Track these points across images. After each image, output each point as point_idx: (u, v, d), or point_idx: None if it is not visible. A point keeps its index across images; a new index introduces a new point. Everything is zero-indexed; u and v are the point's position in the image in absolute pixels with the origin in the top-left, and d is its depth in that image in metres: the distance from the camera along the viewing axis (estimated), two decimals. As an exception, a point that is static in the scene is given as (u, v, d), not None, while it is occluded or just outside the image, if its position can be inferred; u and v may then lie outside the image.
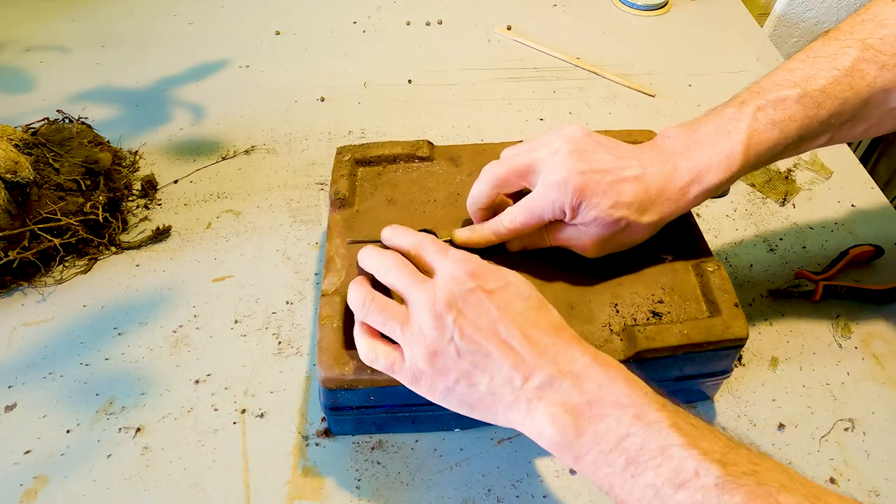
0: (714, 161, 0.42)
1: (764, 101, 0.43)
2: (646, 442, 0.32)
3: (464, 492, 0.45)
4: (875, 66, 0.42)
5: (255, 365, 0.52)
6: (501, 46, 0.86)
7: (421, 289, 0.38)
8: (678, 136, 0.45)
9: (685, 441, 0.31)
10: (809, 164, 0.69)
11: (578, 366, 0.35)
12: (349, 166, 0.54)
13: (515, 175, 0.45)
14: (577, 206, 0.42)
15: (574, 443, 0.33)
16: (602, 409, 0.33)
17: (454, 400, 0.37)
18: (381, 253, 0.41)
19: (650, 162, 0.43)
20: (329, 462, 0.46)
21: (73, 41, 0.85)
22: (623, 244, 0.45)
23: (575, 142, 0.43)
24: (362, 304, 0.40)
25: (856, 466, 0.47)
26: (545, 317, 0.37)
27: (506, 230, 0.45)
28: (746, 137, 0.42)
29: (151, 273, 0.58)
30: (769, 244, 0.62)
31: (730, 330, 0.43)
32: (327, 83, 0.79)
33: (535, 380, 0.35)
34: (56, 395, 0.50)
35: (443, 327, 0.36)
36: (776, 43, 1.01)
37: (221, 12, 0.91)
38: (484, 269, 0.38)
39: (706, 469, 0.30)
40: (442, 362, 0.36)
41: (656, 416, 0.32)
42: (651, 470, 0.31)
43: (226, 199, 0.65)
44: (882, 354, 0.53)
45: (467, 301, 0.37)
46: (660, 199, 0.43)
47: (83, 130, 0.64)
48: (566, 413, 0.34)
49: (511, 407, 0.35)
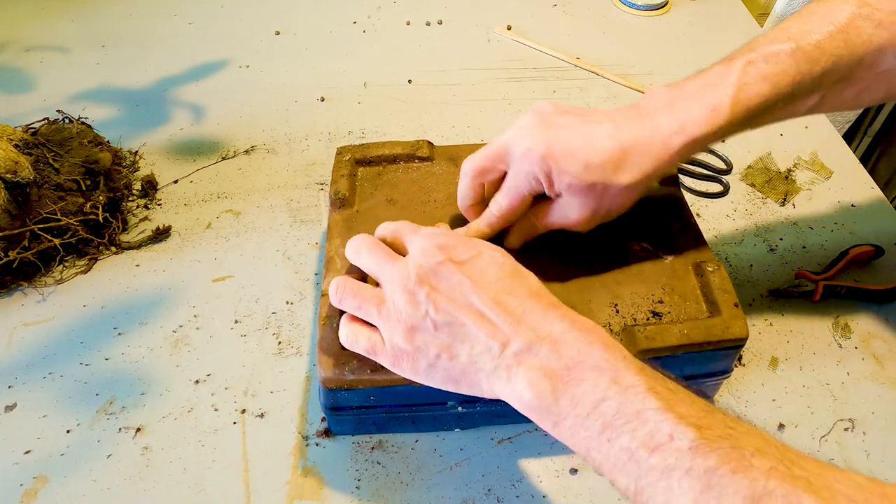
0: (700, 113, 0.41)
1: (755, 56, 0.41)
2: (622, 406, 0.31)
3: (464, 492, 0.45)
4: (871, 23, 0.41)
5: (255, 365, 0.52)
6: (501, 46, 0.86)
7: (393, 266, 0.38)
8: (661, 94, 0.43)
9: (661, 405, 0.31)
10: (809, 164, 0.70)
11: (557, 330, 0.35)
12: (349, 166, 0.54)
13: (491, 160, 0.44)
14: (548, 172, 0.42)
15: (552, 407, 0.33)
16: (580, 373, 0.33)
17: (438, 376, 0.37)
18: (358, 238, 0.41)
19: (625, 120, 0.42)
20: (329, 462, 0.46)
21: (73, 41, 0.85)
22: (610, 210, 0.44)
23: (541, 114, 0.43)
24: (335, 290, 0.40)
25: (856, 466, 0.47)
26: (521, 283, 0.37)
27: (496, 218, 0.45)
28: (735, 91, 0.40)
29: (151, 273, 0.58)
30: (769, 244, 0.62)
31: (730, 330, 0.43)
32: (327, 83, 0.79)
33: (513, 346, 0.35)
34: (56, 395, 0.50)
35: (416, 303, 0.36)
36: (776, 43, 1.00)
37: (221, 12, 0.91)
38: (454, 241, 0.38)
39: (681, 433, 0.30)
40: (420, 338, 0.36)
41: (633, 379, 0.32)
42: (626, 434, 0.31)
43: (226, 199, 0.65)
44: (882, 354, 0.53)
45: (438, 274, 0.36)
46: (638, 157, 0.41)
47: (83, 130, 0.64)
48: (545, 377, 0.33)
49: (492, 375, 0.35)
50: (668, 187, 0.53)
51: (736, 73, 0.41)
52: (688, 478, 0.29)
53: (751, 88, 0.41)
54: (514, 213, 0.45)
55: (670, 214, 0.51)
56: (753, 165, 0.69)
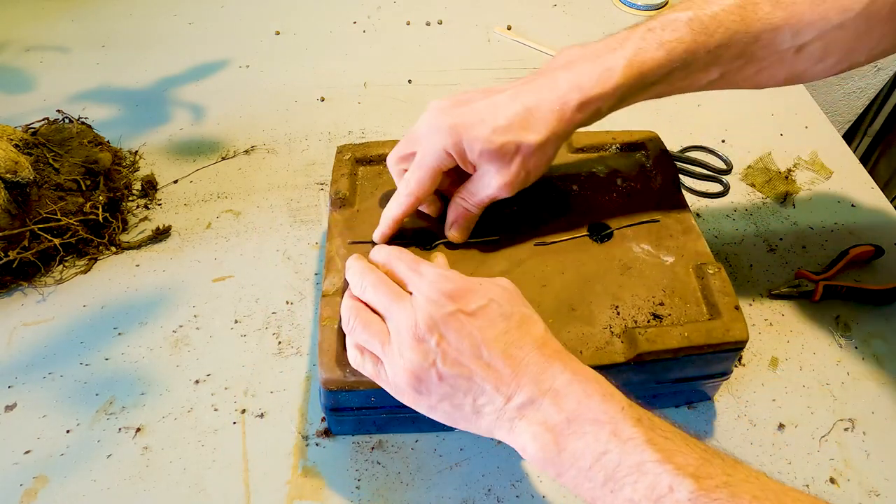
0: (594, 73, 0.42)
1: (655, 23, 0.43)
2: (622, 458, 0.32)
3: (464, 492, 0.45)
4: (769, 2, 0.42)
5: (255, 365, 0.52)
6: (501, 46, 0.86)
7: (400, 308, 0.38)
8: (566, 54, 0.45)
9: (660, 457, 0.32)
10: (809, 164, 0.70)
11: (559, 383, 0.35)
12: (349, 166, 0.53)
13: (405, 146, 0.46)
14: (459, 142, 0.42)
15: (555, 459, 0.34)
16: (580, 426, 0.34)
17: (438, 416, 0.38)
18: (361, 270, 0.41)
19: (524, 85, 0.43)
20: (329, 462, 0.46)
21: (73, 41, 0.85)
22: (529, 172, 0.44)
23: (444, 101, 0.44)
24: (347, 320, 0.40)
25: (856, 466, 0.47)
26: (528, 334, 0.37)
27: (405, 196, 0.45)
28: (631, 54, 0.42)
29: (151, 273, 0.58)
30: (769, 244, 0.62)
31: (730, 333, 0.43)
32: (327, 83, 0.79)
33: (517, 399, 0.35)
34: (56, 395, 0.50)
35: (425, 352, 0.36)
36: (776, 43, 1.00)
37: (221, 12, 0.91)
38: (463, 288, 0.38)
39: (679, 484, 0.30)
40: (424, 386, 0.37)
41: (632, 431, 0.33)
42: (629, 486, 0.32)
43: (226, 199, 0.65)
44: (882, 354, 0.53)
45: (448, 325, 0.36)
46: (541, 114, 0.42)
47: (83, 130, 0.64)
48: (546, 431, 0.34)
49: (494, 425, 0.36)
50: (668, 187, 0.53)
51: (634, 39, 0.43)
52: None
53: (646, 53, 0.42)
54: (424, 190, 0.45)
55: (670, 215, 0.51)
56: (753, 165, 0.69)
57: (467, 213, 0.47)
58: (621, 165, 0.55)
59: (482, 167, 0.44)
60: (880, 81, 1.13)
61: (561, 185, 0.53)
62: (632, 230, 0.50)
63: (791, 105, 0.78)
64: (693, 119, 0.75)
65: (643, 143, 0.56)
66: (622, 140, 0.56)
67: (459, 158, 0.43)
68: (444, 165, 0.44)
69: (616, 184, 0.53)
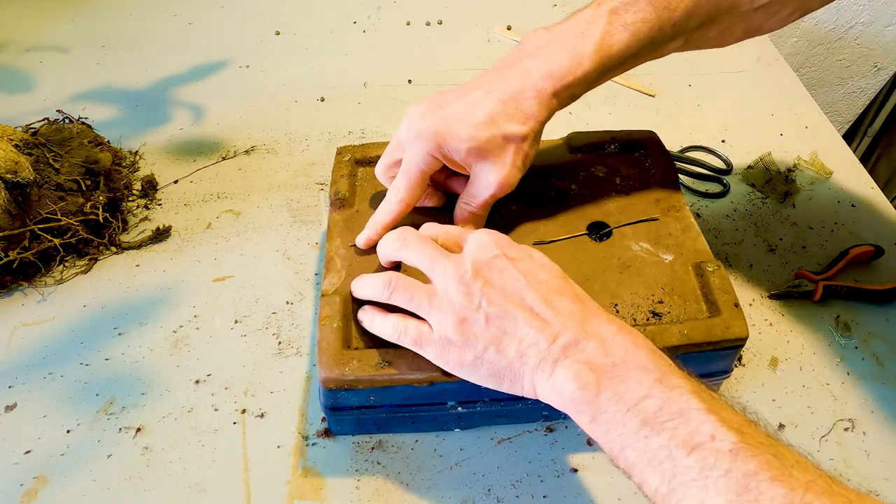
0: (565, 59, 0.43)
1: (618, 4, 0.43)
2: (665, 404, 0.32)
3: (464, 492, 0.45)
4: None
5: (255, 365, 0.52)
6: (501, 46, 0.86)
7: (447, 261, 0.39)
8: (533, 39, 0.45)
9: (705, 406, 0.31)
10: (809, 164, 0.70)
11: (605, 331, 0.36)
12: (349, 166, 0.54)
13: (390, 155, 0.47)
14: (442, 145, 0.43)
15: (593, 400, 0.33)
16: (625, 370, 0.33)
17: (483, 370, 0.37)
18: (401, 230, 0.42)
19: (495, 77, 0.44)
20: (329, 462, 0.46)
21: (73, 41, 0.85)
22: (525, 162, 0.45)
23: (419, 105, 0.45)
24: (388, 282, 0.40)
25: (856, 466, 0.47)
26: (568, 287, 0.38)
27: (395, 203, 0.46)
28: (599, 39, 0.42)
29: (151, 273, 0.58)
30: (769, 244, 0.62)
31: (730, 330, 0.43)
32: (327, 83, 0.79)
33: (561, 340, 0.35)
34: (56, 395, 0.50)
35: (470, 294, 0.37)
36: (776, 43, 1.00)
37: (221, 12, 0.91)
38: (506, 240, 0.40)
39: (723, 434, 0.30)
40: (471, 330, 0.37)
41: (678, 381, 0.33)
42: (667, 431, 0.31)
43: (226, 199, 0.65)
44: (882, 354, 0.53)
45: (493, 267, 0.37)
46: (520, 105, 0.43)
47: (83, 130, 0.64)
48: (590, 370, 0.34)
49: (537, 369, 0.36)
50: (667, 186, 0.53)
51: (601, 23, 0.43)
52: (725, 479, 0.28)
53: (613, 37, 0.43)
54: (414, 195, 0.45)
55: (669, 213, 0.51)
56: (753, 165, 0.69)
57: (474, 216, 0.47)
58: (620, 165, 0.55)
59: (475, 167, 0.44)
60: (880, 81, 1.13)
61: (560, 184, 0.53)
62: (631, 229, 0.50)
63: (791, 105, 0.78)
64: (693, 119, 0.75)
65: (642, 142, 0.56)
66: (621, 139, 0.56)
67: (447, 161, 0.44)
68: (431, 168, 0.44)
69: (615, 183, 0.53)
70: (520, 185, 0.46)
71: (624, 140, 0.56)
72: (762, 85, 0.81)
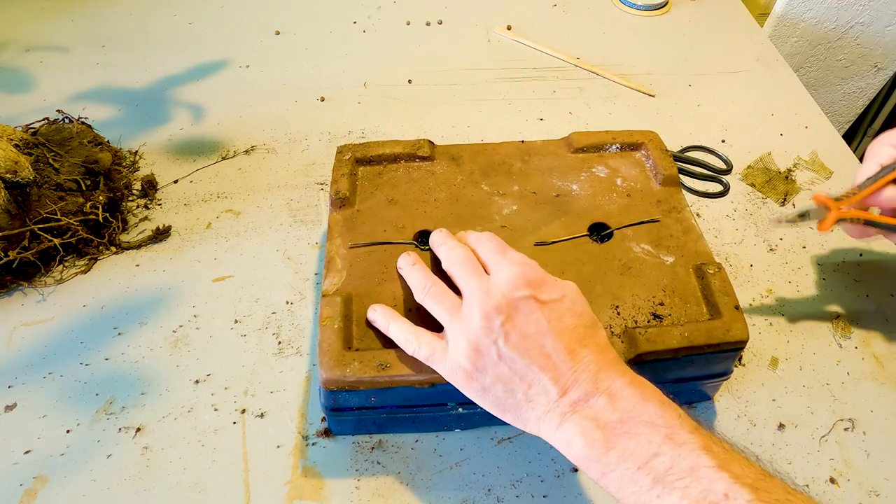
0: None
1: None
2: (675, 461, 0.31)
3: (464, 492, 0.45)
4: None
5: (255, 365, 0.52)
6: (501, 46, 0.86)
7: (477, 283, 0.38)
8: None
9: (716, 463, 0.30)
10: (809, 164, 0.69)
11: (616, 385, 0.35)
12: (350, 165, 0.53)
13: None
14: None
15: (602, 458, 0.33)
16: (634, 427, 0.33)
17: (489, 400, 0.37)
18: (452, 245, 0.42)
19: None
20: (329, 462, 0.46)
21: (73, 41, 0.85)
22: None
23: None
24: (423, 286, 0.41)
25: (856, 466, 0.47)
26: (593, 336, 0.37)
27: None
28: None
29: (151, 273, 0.58)
30: (769, 244, 0.62)
31: (730, 333, 0.43)
32: (327, 83, 0.79)
33: (572, 394, 0.35)
34: (56, 395, 0.50)
35: (489, 328, 0.36)
36: (776, 43, 1.01)
37: (221, 12, 0.91)
38: (541, 277, 0.38)
39: (736, 492, 0.29)
40: (482, 361, 0.36)
41: (688, 437, 0.32)
42: (679, 490, 0.30)
43: (226, 199, 0.65)
44: (882, 354, 0.53)
45: (518, 308, 0.37)
46: None
47: (83, 130, 0.64)
48: (597, 428, 0.33)
49: (543, 418, 0.35)
50: (668, 187, 0.53)
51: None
52: None
53: None
54: None
55: (670, 215, 0.51)
56: (753, 165, 0.69)
57: None
58: (621, 165, 0.55)
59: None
60: (880, 81, 1.12)
61: (561, 184, 0.53)
62: (632, 230, 0.50)
63: (791, 105, 0.78)
64: (693, 119, 0.75)
65: (643, 142, 0.56)
66: (622, 140, 0.56)
67: None
68: None
69: (616, 184, 0.53)
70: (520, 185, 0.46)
71: (625, 140, 0.56)
72: (762, 85, 0.81)
